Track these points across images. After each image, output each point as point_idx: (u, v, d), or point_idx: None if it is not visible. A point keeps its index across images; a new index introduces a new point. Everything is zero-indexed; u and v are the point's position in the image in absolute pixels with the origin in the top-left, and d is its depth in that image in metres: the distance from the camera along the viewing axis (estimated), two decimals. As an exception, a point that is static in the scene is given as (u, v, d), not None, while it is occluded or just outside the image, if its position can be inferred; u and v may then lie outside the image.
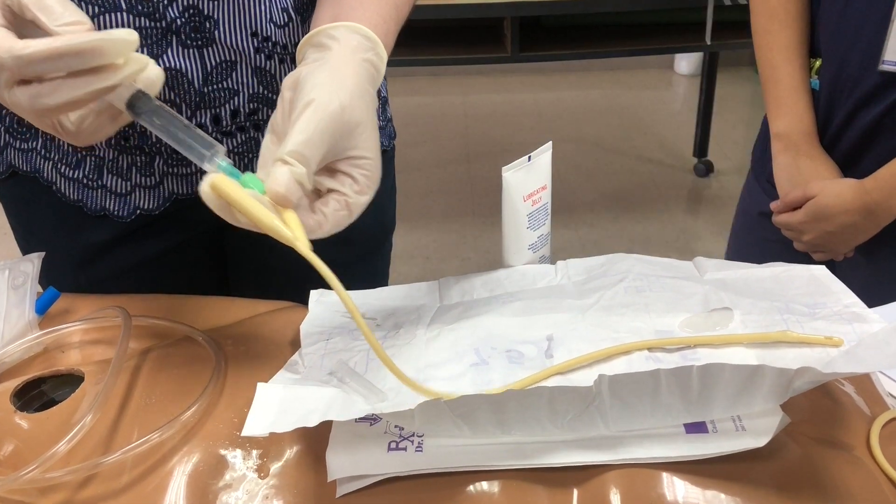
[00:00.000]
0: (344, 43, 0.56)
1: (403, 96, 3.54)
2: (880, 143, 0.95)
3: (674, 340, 0.54)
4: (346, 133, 0.52)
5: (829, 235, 0.97)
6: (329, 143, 0.51)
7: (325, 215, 0.52)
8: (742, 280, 0.64)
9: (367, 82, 0.56)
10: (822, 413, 0.57)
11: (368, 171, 0.54)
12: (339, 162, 0.54)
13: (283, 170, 0.49)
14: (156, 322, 0.64)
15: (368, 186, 0.54)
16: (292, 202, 0.50)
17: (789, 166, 1.01)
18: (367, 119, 0.54)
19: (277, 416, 0.47)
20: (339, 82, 0.53)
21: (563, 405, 0.48)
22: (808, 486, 0.49)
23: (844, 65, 0.95)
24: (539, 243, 0.72)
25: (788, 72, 1.00)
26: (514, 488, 0.48)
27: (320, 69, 0.54)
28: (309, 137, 0.50)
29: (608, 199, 2.79)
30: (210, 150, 0.51)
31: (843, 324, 0.56)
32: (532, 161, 0.68)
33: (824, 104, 0.99)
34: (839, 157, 1.00)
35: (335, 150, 0.52)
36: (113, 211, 0.75)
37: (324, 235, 0.53)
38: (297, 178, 0.50)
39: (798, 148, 1.00)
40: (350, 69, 0.55)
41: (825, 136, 1.01)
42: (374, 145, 0.55)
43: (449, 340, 0.59)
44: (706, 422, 0.50)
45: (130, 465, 0.52)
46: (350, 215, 0.54)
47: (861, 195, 0.93)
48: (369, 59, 0.57)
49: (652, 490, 0.47)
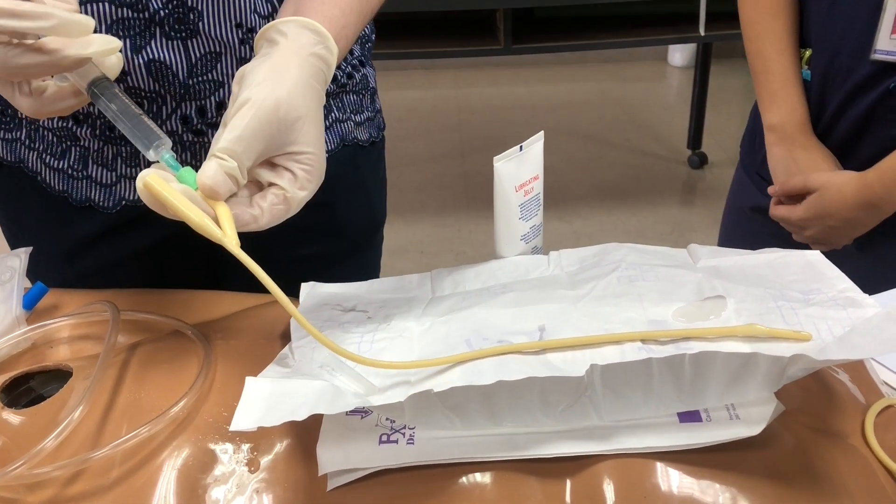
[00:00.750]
0: (291, 38, 0.56)
1: (397, 90, 3.53)
2: (873, 132, 0.95)
3: (665, 333, 0.53)
4: (283, 129, 0.53)
5: (830, 230, 0.96)
6: (264, 138, 0.52)
7: (262, 209, 0.53)
8: (736, 267, 0.64)
9: (311, 77, 0.56)
10: (816, 401, 0.57)
11: (308, 166, 0.54)
12: (279, 157, 0.54)
13: (212, 163, 0.51)
14: (144, 316, 0.64)
15: (308, 181, 0.54)
16: (221, 195, 0.51)
17: (785, 158, 1.00)
18: (308, 114, 0.54)
19: (266, 410, 0.47)
20: (278, 78, 0.53)
21: (555, 396, 0.47)
22: (802, 474, 0.49)
23: (836, 54, 0.95)
24: (531, 234, 0.71)
25: (780, 63, 1.00)
26: (506, 480, 0.48)
27: (262, 65, 0.54)
28: (240, 134, 0.51)
29: (602, 192, 2.78)
30: (156, 142, 0.54)
31: (838, 309, 0.55)
32: (524, 151, 0.68)
33: (816, 94, 0.99)
34: (833, 146, 0.99)
35: (273, 145, 0.53)
36: (98, 202, 0.75)
37: (259, 229, 0.54)
38: (228, 171, 0.51)
39: (793, 139, 1.00)
40: (294, 63, 0.55)
41: (818, 126, 1.00)
42: (316, 140, 0.55)
43: (441, 332, 0.58)
44: (700, 410, 0.49)
45: (119, 460, 0.52)
46: (288, 210, 0.54)
47: (863, 189, 0.92)
48: (317, 54, 0.57)
49: (646, 480, 0.46)
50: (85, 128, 0.71)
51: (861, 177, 0.93)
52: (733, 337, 0.52)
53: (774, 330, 0.51)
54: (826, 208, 0.94)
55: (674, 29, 2.32)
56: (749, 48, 1.03)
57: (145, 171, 0.51)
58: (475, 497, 0.47)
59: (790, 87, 1.00)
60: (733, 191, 1.19)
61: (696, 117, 2.87)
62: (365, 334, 0.59)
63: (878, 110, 0.93)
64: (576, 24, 2.31)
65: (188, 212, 0.50)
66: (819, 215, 0.95)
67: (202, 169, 0.51)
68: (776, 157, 1.01)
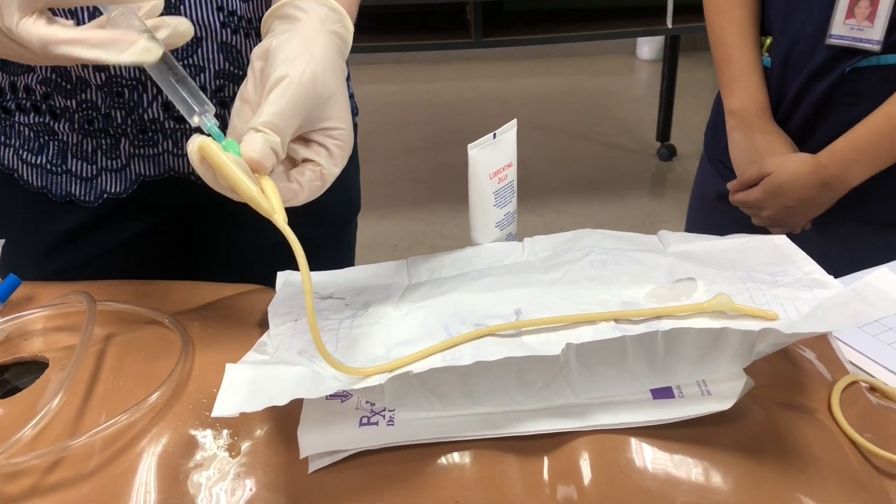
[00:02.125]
0: (312, 14, 0.57)
1: (369, 84, 3.52)
2: (830, 117, 0.97)
3: (639, 312, 0.54)
4: (318, 104, 0.53)
5: (786, 210, 0.99)
6: (302, 114, 0.52)
7: (301, 185, 0.54)
8: (705, 251, 0.65)
9: (336, 54, 0.56)
10: (785, 378, 0.59)
11: (341, 141, 0.55)
12: (313, 133, 0.55)
13: (258, 136, 0.50)
14: (121, 307, 0.64)
15: (342, 157, 0.55)
16: (267, 168, 0.51)
17: (744, 143, 1.02)
18: (339, 90, 0.55)
19: (247, 396, 0.47)
20: (310, 54, 0.54)
21: (532, 375, 0.48)
22: (772, 448, 0.50)
23: (796, 41, 0.97)
24: (506, 221, 0.72)
25: (741, 50, 1.02)
26: (485, 458, 0.48)
27: (291, 40, 0.54)
28: (282, 109, 0.51)
29: (574, 185, 2.81)
30: (202, 107, 0.52)
31: (804, 290, 0.57)
32: (497, 139, 0.69)
33: (777, 81, 1.01)
34: (793, 131, 1.02)
35: (309, 120, 0.53)
36: (79, 196, 0.74)
37: (299, 204, 0.54)
38: (272, 145, 0.51)
39: (752, 124, 1.02)
40: (320, 40, 0.55)
41: (778, 112, 1.02)
42: (347, 115, 0.56)
43: (418, 318, 0.59)
44: (672, 387, 0.51)
45: (99, 448, 0.52)
46: (323, 185, 0.55)
47: (817, 169, 0.95)
48: (337, 31, 0.58)
49: (621, 455, 0.47)
50: (63, 122, 0.70)
51: (814, 157, 0.95)
52: (704, 313, 0.54)
53: (742, 307, 0.52)
54: (781, 188, 0.97)
55: (642, 22, 2.35)
56: (712, 37, 1.06)
57: (196, 136, 0.50)
58: (455, 475, 0.48)
59: (751, 74, 1.02)
60: (698, 180, 1.22)
61: (664, 110, 2.90)
62: (343, 321, 0.60)
63: (835, 95, 0.96)
64: (545, 17, 2.33)
65: (242, 183, 0.49)
66: (774, 195, 0.98)
67: (247, 142, 0.50)
68: (736, 142, 1.04)
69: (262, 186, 0.51)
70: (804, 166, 0.95)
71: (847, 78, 0.94)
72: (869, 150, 0.93)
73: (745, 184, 1.01)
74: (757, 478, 0.48)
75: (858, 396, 0.57)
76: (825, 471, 0.50)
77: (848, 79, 0.94)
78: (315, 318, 0.49)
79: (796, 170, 0.96)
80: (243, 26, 0.71)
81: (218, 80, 0.72)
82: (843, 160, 0.94)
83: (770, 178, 0.97)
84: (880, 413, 0.56)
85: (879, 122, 0.92)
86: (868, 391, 0.60)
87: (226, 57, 0.71)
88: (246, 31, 0.71)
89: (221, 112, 0.74)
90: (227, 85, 0.72)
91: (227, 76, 0.72)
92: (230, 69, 0.72)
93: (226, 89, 0.73)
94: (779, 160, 0.98)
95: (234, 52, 0.71)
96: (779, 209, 0.99)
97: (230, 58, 0.71)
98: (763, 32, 1.03)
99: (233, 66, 0.72)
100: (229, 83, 0.72)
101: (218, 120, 0.52)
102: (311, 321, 0.49)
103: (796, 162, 0.96)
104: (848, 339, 0.70)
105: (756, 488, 0.48)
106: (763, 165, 0.98)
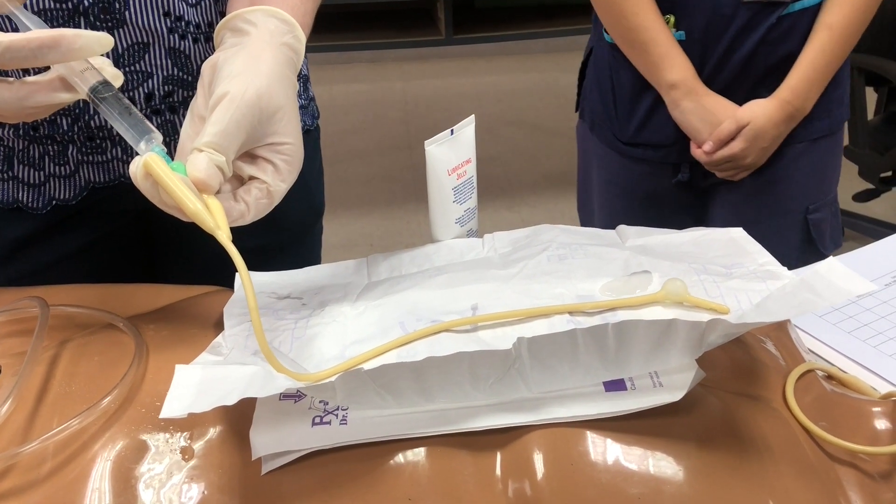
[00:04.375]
0: (261, 27, 0.56)
1: (343, 83, 3.51)
2: (752, 73, 1.10)
3: (592, 304, 0.54)
4: (264, 120, 0.53)
5: (763, 151, 1.11)
6: (246, 130, 0.51)
7: (248, 204, 0.53)
8: (662, 245, 0.66)
9: (286, 67, 0.56)
10: (742, 369, 0.59)
11: (289, 157, 0.54)
12: (259, 148, 0.54)
13: (202, 156, 0.50)
14: (74, 311, 0.63)
15: (290, 172, 0.55)
16: (213, 187, 0.50)
17: (697, 109, 1.11)
18: (286, 104, 0.54)
19: (196, 396, 0.47)
20: (255, 69, 0.53)
21: (485, 370, 0.48)
22: (726, 438, 0.51)
23: (715, 8, 1.06)
24: (466, 217, 0.72)
25: (662, 29, 1.10)
26: (438, 455, 0.48)
27: (237, 55, 0.54)
28: (224, 128, 0.50)
29: (549, 180, 2.81)
30: (147, 134, 0.51)
31: (758, 281, 0.57)
32: (455, 135, 0.68)
33: (698, 50, 1.10)
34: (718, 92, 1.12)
35: (254, 136, 0.53)
36: (27, 203, 0.73)
37: (247, 223, 0.53)
38: (217, 164, 0.50)
39: (696, 91, 1.11)
40: (268, 54, 0.55)
41: (701, 77, 1.12)
42: (295, 130, 0.55)
43: (375, 316, 0.59)
44: (625, 380, 0.51)
45: (52, 453, 0.51)
46: (271, 203, 0.54)
47: (784, 106, 1.08)
48: (287, 43, 0.57)
49: (573, 448, 0.47)
50: (7, 128, 0.69)
51: (777, 97, 1.09)
52: (658, 303, 0.54)
53: (694, 298, 0.52)
54: (761, 132, 1.09)
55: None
56: (629, 23, 1.12)
57: (143, 154, 0.50)
58: (408, 473, 0.48)
59: (675, 48, 1.11)
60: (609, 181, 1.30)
61: (638, 104, 2.91)
62: (299, 320, 0.59)
63: (760, 48, 1.07)
64: (516, 14, 2.34)
65: (186, 199, 0.49)
66: (755, 140, 1.09)
67: (192, 162, 0.50)
68: (688, 110, 1.12)
69: (208, 205, 0.50)
70: (773, 108, 1.08)
71: (774, 28, 1.06)
72: (818, 80, 1.08)
73: (724, 140, 1.10)
74: (710, 468, 0.49)
75: (814, 384, 0.58)
76: (778, 459, 0.50)
77: (775, 29, 1.06)
78: (262, 331, 0.48)
79: (768, 113, 1.08)
80: (191, 31, 0.70)
81: (166, 85, 0.71)
82: (802, 92, 1.08)
83: (749, 128, 1.08)
84: (835, 400, 0.56)
85: (817, 54, 1.07)
86: (825, 379, 0.60)
87: (174, 62, 0.70)
88: (194, 35, 0.70)
89: (171, 118, 0.73)
90: (176, 90, 0.72)
91: (175, 82, 0.71)
92: (179, 74, 0.71)
93: (175, 94, 0.72)
94: (749, 110, 1.09)
95: (182, 58, 0.71)
96: (758, 152, 1.10)
97: (178, 63, 0.71)
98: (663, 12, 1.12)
99: (181, 71, 0.71)
100: (178, 88, 0.72)
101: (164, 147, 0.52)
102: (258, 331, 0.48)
103: (764, 106, 1.08)
104: (808, 327, 0.70)
105: (709, 478, 0.48)
106: (737, 118, 1.09)
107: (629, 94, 1.18)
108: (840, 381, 0.61)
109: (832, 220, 1.22)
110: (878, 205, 2.31)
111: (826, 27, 1.07)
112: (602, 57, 1.24)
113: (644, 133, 1.19)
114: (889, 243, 0.84)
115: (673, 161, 1.20)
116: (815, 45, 1.07)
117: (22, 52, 0.47)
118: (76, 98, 0.52)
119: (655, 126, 1.18)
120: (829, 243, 1.22)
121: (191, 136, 0.53)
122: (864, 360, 0.66)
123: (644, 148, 1.20)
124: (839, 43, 1.07)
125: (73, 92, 0.52)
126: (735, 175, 1.15)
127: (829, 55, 1.07)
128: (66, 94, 0.51)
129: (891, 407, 0.55)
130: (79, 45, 0.48)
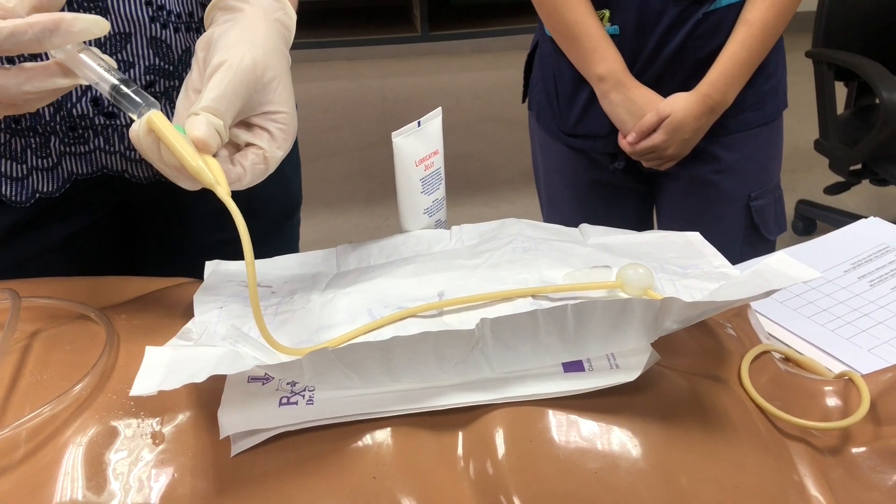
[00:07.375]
0: (255, 4, 0.58)
1: (321, 81, 3.51)
2: (681, 66, 1.14)
3: (553, 288, 0.56)
4: (259, 88, 0.54)
5: (684, 143, 1.15)
6: (243, 97, 0.53)
7: (245, 168, 0.54)
8: (623, 244, 0.69)
9: (278, 40, 0.57)
10: (702, 351, 0.61)
11: (284, 125, 0.56)
12: (255, 117, 0.55)
13: (201, 117, 0.51)
14: (46, 302, 0.64)
15: (285, 140, 0.56)
16: (212, 147, 0.52)
17: (624, 101, 1.15)
18: (281, 74, 0.56)
19: (166, 375, 0.48)
20: (251, 40, 0.55)
21: (449, 350, 0.49)
22: (683, 415, 0.52)
23: (647, 3, 1.10)
24: (434, 207, 0.73)
25: (593, 23, 1.14)
26: (402, 434, 0.50)
27: (232, 28, 0.55)
28: (222, 93, 0.52)
29: (527, 176, 2.82)
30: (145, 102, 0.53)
31: (712, 282, 0.60)
32: (422, 126, 0.70)
33: (631, 44, 1.14)
34: (648, 84, 1.16)
35: (250, 104, 0.54)
36: (10, 196, 0.73)
37: (243, 188, 0.55)
38: (215, 127, 0.51)
39: (623, 84, 1.15)
40: (262, 28, 0.56)
41: (633, 70, 1.16)
42: (289, 99, 0.57)
43: (343, 304, 0.60)
44: (583, 361, 0.52)
45: (24, 439, 0.52)
46: (267, 169, 0.56)
47: (704, 100, 1.12)
48: (279, 19, 0.59)
49: (532, 426, 0.49)
50: None
51: (697, 92, 1.13)
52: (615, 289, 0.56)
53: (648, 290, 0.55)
54: (681, 125, 1.12)
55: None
56: (561, 16, 1.16)
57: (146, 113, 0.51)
58: (373, 453, 0.49)
59: (605, 42, 1.14)
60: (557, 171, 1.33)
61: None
62: (268, 307, 0.60)
63: (688, 42, 1.12)
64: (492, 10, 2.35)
65: (188, 155, 0.50)
66: (675, 132, 1.13)
67: (191, 122, 0.51)
68: (615, 102, 1.16)
69: (207, 163, 0.52)
70: (693, 101, 1.12)
71: (699, 24, 1.11)
72: (738, 74, 1.12)
73: (647, 131, 1.14)
74: (667, 443, 0.50)
75: (769, 365, 0.60)
76: (731, 435, 0.52)
77: (700, 25, 1.11)
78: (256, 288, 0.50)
79: (688, 106, 1.12)
80: (173, 21, 0.71)
81: (148, 75, 0.72)
82: (722, 86, 1.12)
83: (669, 121, 1.12)
84: (789, 380, 0.58)
85: (737, 49, 1.11)
86: (783, 361, 0.62)
87: (156, 52, 0.71)
88: (175, 25, 0.71)
89: None
90: (158, 80, 0.73)
91: (157, 71, 0.72)
92: (160, 64, 0.72)
93: (157, 84, 0.73)
94: (670, 103, 1.13)
95: (164, 48, 0.71)
96: (679, 143, 1.14)
97: (160, 53, 0.71)
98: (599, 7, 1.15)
99: (163, 61, 0.72)
100: (160, 78, 0.73)
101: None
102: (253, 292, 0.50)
103: (685, 99, 1.12)
104: (770, 313, 0.72)
105: (665, 452, 0.50)
106: (658, 111, 1.12)
107: (569, 87, 1.22)
108: (797, 362, 0.63)
109: (776, 206, 1.27)
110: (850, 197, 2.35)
111: (745, 23, 1.11)
112: (545, 51, 1.27)
113: (583, 124, 1.23)
114: (847, 232, 0.87)
115: (610, 151, 1.24)
116: (734, 41, 1.12)
117: (25, 35, 0.48)
118: (75, 83, 0.53)
119: (593, 117, 1.22)
120: (772, 228, 1.27)
121: (186, 108, 0.54)
122: (822, 342, 0.68)
123: (583, 139, 1.24)
124: (758, 38, 1.11)
125: (71, 77, 0.53)
126: (661, 165, 1.20)
127: (748, 50, 1.11)
128: (65, 79, 0.52)
129: (841, 386, 0.57)
130: (78, 29, 0.49)
